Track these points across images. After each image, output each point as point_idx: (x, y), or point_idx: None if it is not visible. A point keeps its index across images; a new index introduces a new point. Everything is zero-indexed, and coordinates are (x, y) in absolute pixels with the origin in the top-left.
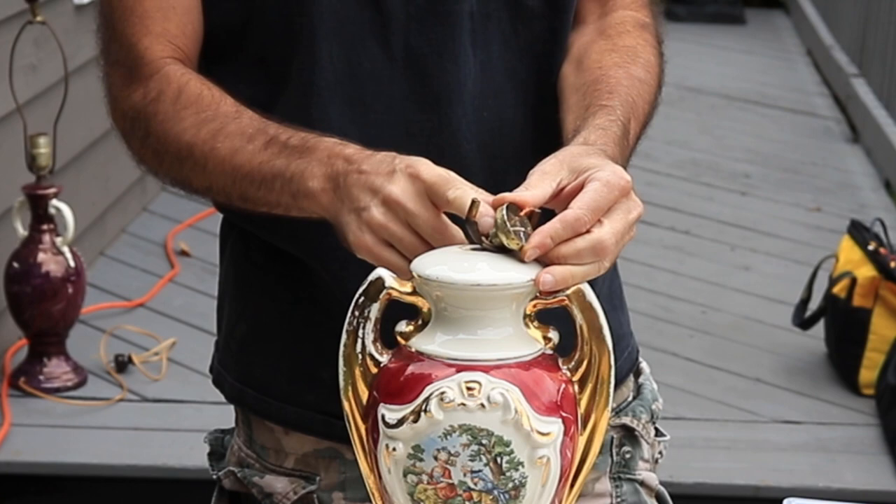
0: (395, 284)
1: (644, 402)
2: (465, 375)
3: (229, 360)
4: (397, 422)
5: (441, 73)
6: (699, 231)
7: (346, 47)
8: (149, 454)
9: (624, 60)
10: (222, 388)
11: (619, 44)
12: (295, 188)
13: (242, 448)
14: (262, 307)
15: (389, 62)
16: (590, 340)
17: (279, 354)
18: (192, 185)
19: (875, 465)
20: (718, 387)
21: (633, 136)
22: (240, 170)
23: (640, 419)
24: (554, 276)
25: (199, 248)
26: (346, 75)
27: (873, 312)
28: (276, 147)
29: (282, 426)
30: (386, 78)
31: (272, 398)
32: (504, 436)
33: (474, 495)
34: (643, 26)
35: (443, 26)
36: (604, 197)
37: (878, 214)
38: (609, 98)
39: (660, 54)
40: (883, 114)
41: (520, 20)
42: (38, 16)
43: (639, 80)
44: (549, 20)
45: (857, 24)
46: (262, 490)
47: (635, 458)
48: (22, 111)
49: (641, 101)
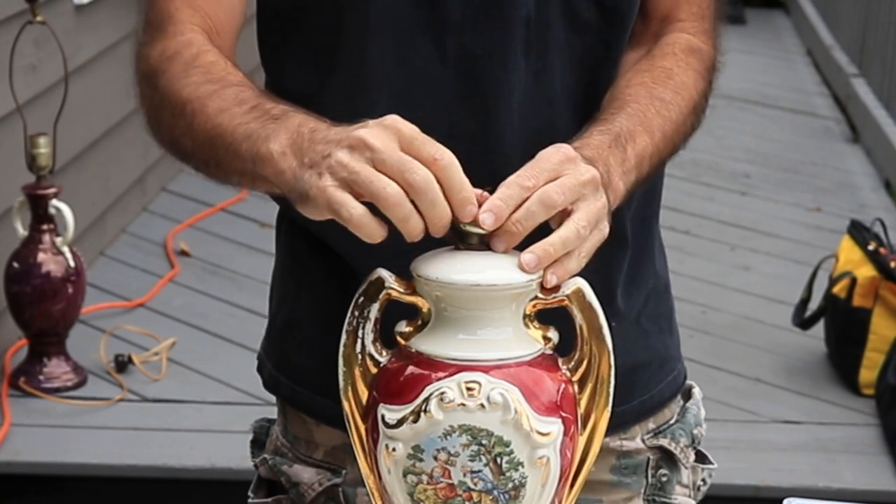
0: (395, 284)
1: (685, 426)
2: (464, 375)
3: (270, 346)
4: (397, 422)
5: (491, 77)
6: (699, 231)
7: (397, 44)
8: (149, 454)
9: (653, 80)
10: (262, 374)
11: (656, 64)
12: (255, 150)
13: (280, 437)
14: (301, 297)
15: (440, 62)
16: (589, 340)
17: (312, 344)
18: (181, 147)
19: (875, 465)
20: (718, 387)
21: (642, 147)
22: (217, 129)
23: (678, 442)
24: (534, 253)
25: (199, 248)
26: (395, 71)
27: (873, 312)
28: (257, 112)
29: (312, 417)
30: (435, 78)
31: (303, 388)
32: (504, 436)
33: (474, 495)
34: (692, 51)
35: (497, 30)
36: (545, 159)
37: (878, 214)
38: (612, 114)
39: (704, 80)
40: (883, 114)
41: (574, 31)
42: (38, 16)
43: (660, 99)
44: (604, 34)
45: (857, 24)
46: (289, 479)
47: (672, 482)
48: (22, 111)
49: (660, 118)
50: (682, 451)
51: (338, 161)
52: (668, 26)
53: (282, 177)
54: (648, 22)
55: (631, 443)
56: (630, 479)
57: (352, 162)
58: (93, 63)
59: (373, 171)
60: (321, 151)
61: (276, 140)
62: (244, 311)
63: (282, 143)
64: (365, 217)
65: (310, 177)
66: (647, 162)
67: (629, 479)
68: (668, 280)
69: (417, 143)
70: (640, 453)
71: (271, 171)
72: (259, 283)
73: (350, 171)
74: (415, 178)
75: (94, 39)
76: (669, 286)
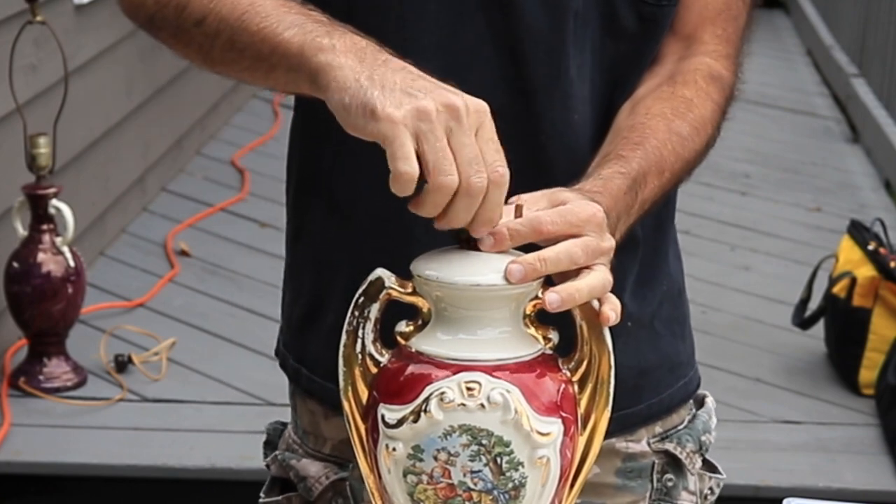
0: (395, 284)
1: (693, 432)
2: (464, 376)
3: (290, 339)
4: (397, 422)
5: (540, 61)
6: (699, 231)
7: (451, 21)
8: (149, 454)
9: (673, 112)
10: (285, 369)
11: (677, 93)
12: (304, 38)
13: (291, 434)
14: (320, 286)
15: (492, 41)
16: (590, 340)
17: (328, 332)
18: (188, 9)
19: (875, 465)
20: (718, 387)
21: (649, 191)
22: (255, 4)
23: (684, 447)
24: (522, 265)
25: (199, 248)
26: (446, 42)
27: (873, 312)
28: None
29: (324, 406)
30: (486, 56)
31: (318, 377)
32: (504, 436)
33: (474, 495)
34: (713, 79)
35: (549, 17)
36: (574, 213)
37: (878, 214)
38: (632, 149)
39: (721, 111)
40: (883, 114)
41: (610, 35)
42: (38, 16)
43: (678, 135)
44: (638, 43)
45: (857, 24)
46: (297, 473)
47: (678, 488)
48: (22, 111)
49: (674, 156)
50: (688, 456)
51: (423, 108)
52: (691, 47)
53: (338, 72)
54: (673, 39)
55: (636, 445)
56: (635, 483)
57: (436, 121)
58: (93, 63)
59: (446, 148)
60: (398, 80)
61: (334, 37)
62: (244, 311)
63: (344, 43)
64: (410, 182)
65: (380, 94)
66: (650, 204)
67: (634, 482)
68: (684, 285)
69: (491, 145)
70: (645, 457)
71: (323, 62)
72: (259, 283)
73: (429, 128)
74: (474, 182)
75: (94, 39)
76: (684, 291)
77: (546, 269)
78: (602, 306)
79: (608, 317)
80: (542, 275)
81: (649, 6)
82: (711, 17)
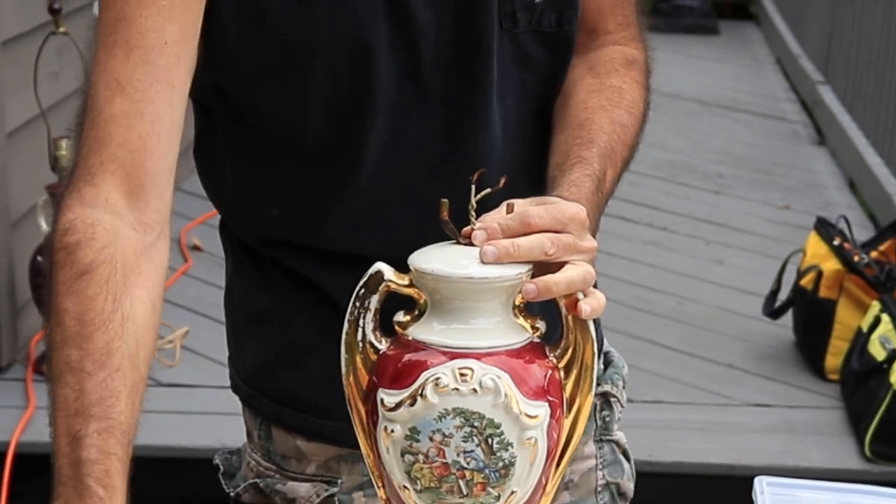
0: (394, 277)
1: (617, 370)
2: (458, 362)
3: (265, 380)
4: (395, 405)
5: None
6: (676, 227)
7: (393, 122)
8: (162, 435)
9: (609, 103)
10: (259, 411)
11: (605, 83)
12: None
13: (261, 462)
14: (291, 329)
15: (430, 131)
16: (574, 329)
17: (312, 373)
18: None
19: (840, 446)
20: (694, 372)
21: (608, 184)
22: (55, 407)
23: (617, 385)
24: (496, 248)
25: (211, 243)
26: (392, 144)
27: (838, 303)
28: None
29: (303, 436)
30: (426, 146)
31: (293, 409)
32: (494, 418)
33: (467, 474)
34: (630, 63)
35: (478, 96)
36: (561, 211)
37: (843, 212)
38: (587, 149)
39: (646, 89)
40: (847, 118)
41: (528, 72)
42: (61, 27)
43: (621, 124)
44: (552, 68)
45: (822, 34)
46: (285, 497)
47: (612, 421)
48: (45, 116)
49: (621, 146)
50: (619, 392)
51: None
52: (597, 39)
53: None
54: (580, 34)
55: None
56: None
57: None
58: None
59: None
60: None
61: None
62: None
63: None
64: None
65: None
66: (609, 196)
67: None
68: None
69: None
70: None
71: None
72: None
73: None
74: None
75: None
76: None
77: (518, 253)
78: (582, 300)
79: (582, 310)
80: (514, 259)
81: (553, 33)
82: (610, 8)
